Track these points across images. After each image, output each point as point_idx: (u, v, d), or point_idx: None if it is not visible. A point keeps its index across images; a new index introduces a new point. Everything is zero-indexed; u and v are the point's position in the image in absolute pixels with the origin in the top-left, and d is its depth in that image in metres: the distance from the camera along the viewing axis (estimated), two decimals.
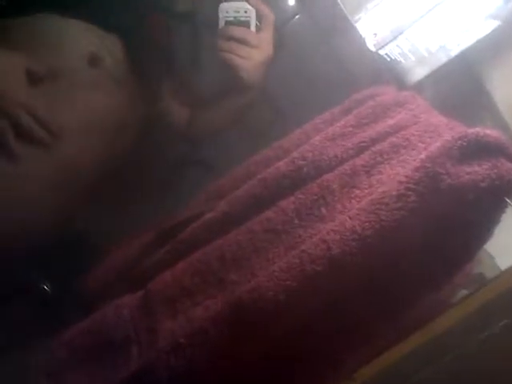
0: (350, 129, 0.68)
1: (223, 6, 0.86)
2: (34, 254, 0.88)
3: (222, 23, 0.86)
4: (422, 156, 0.55)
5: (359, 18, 0.77)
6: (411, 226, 0.54)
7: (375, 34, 0.75)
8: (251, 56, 0.85)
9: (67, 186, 0.88)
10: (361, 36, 0.75)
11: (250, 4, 0.86)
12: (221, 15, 0.86)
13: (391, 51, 0.76)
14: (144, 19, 0.94)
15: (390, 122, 0.66)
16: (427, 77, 0.75)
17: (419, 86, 0.75)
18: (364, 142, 0.65)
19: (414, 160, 0.59)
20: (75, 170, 0.87)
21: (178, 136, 1.14)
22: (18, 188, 0.82)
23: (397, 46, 0.75)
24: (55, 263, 0.90)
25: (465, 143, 0.53)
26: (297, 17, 1.30)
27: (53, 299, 0.86)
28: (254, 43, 0.85)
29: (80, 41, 0.86)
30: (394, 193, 0.54)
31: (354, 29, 0.75)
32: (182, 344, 0.59)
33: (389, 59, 0.75)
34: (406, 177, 0.55)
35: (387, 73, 0.75)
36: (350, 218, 0.56)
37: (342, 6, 0.75)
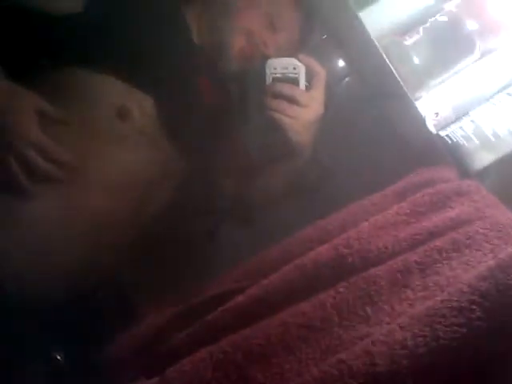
0: (404, 217, 0.60)
1: (271, 62, 0.81)
2: (50, 316, 0.82)
3: (269, 80, 0.81)
4: (491, 263, 0.47)
5: (420, 96, 0.70)
6: (474, 347, 0.45)
7: (437, 114, 0.69)
8: (300, 115, 0.80)
9: (90, 237, 0.84)
10: (421, 115, 0.68)
11: (299, 61, 0.81)
12: (268, 72, 0.81)
13: (453, 133, 0.69)
14: (189, 81, 0.91)
15: (451, 213, 0.58)
16: (493, 164, 0.67)
17: (483, 174, 0.67)
18: (419, 234, 0.57)
19: (479, 263, 0.51)
20: (98, 220, 0.83)
21: (228, 207, 1.09)
22: (35, 227, 0.79)
23: (460, 127, 0.68)
24: (73, 329, 0.84)
25: None
26: (347, 79, 1.26)
27: (66, 369, 0.80)
28: (303, 102, 0.80)
29: (109, 92, 0.83)
30: (454, 304, 0.46)
31: (414, 107, 0.68)
32: None
33: (450, 141, 0.68)
34: (470, 286, 0.47)
35: (448, 156, 0.68)
36: (401, 327, 0.48)
37: (401, 82, 0.69)
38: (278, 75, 0.81)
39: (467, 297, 0.46)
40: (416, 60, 0.71)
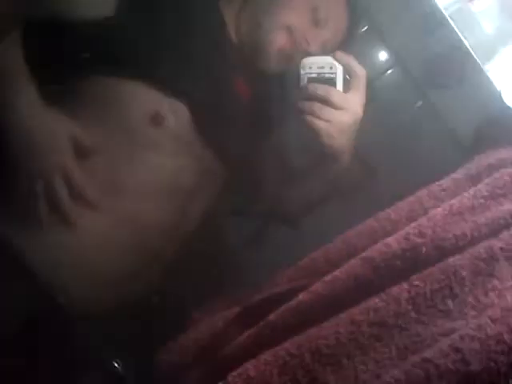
0: (482, 201, 0.55)
1: (306, 60, 0.76)
2: (108, 326, 0.81)
3: (304, 80, 0.76)
4: None
5: (488, 70, 0.64)
6: None
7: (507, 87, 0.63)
8: (335, 118, 0.74)
9: (136, 249, 0.82)
10: (496, 88, 0.62)
11: (336, 59, 0.75)
12: (303, 71, 0.75)
13: None
14: (225, 83, 0.88)
15: None
16: None
17: None
18: (502, 218, 0.52)
19: None
20: (142, 232, 0.82)
21: (270, 214, 1.06)
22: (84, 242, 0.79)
23: None
24: (131, 337, 0.82)
25: None
26: (390, 71, 1.20)
27: (125, 378, 0.78)
28: (340, 104, 0.74)
29: (142, 100, 0.81)
30: None
31: (489, 80, 0.62)
32: None
33: None
34: None
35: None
36: (493, 320, 0.43)
37: (472, 52, 0.63)
38: (313, 75, 0.75)
39: None
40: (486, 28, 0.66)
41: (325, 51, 0.92)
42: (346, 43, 0.96)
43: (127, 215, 0.81)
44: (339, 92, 0.75)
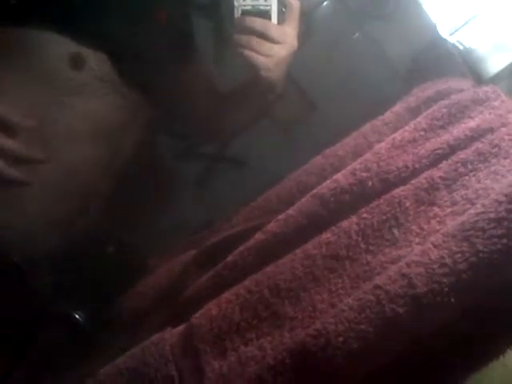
0: (422, 133, 0.57)
1: None
2: (63, 278, 0.81)
3: (238, 12, 0.73)
4: None
5: (423, 2, 0.66)
6: None
7: (444, 18, 0.64)
8: (273, 52, 0.74)
9: (74, 189, 0.83)
10: (431, 20, 0.64)
11: None
12: (236, 3, 0.73)
13: (464, 37, 0.64)
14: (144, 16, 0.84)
15: (471, 123, 0.55)
16: (509, 66, 0.63)
17: (499, 78, 0.64)
18: (441, 148, 0.55)
19: (509, 171, 0.49)
20: (78, 175, 0.82)
21: (198, 134, 1.08)
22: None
23: (470, 30, 0.64)
24: (89, 287, 0.83)
25: None
26: (326, 2, 1.19)
27: (86, 328, 0.79)
28: (276, 37, 0.74)
29: (59, 45, 0.78)
30: (491, 215, 0.44)
31: (424, 12, 0.63)
32: None
33: (461, 47, 0.64)
34: (506, 196, 0.45)
35: (460, 64, 0.64)
36: (435, 245, 0.46)
37: None
38: (247, 7, 0.73)
39: (504, 206, 0.44)
40: None
41: None
42: None
43: (58, 158, 0.81)
44: (277, 26, 0.74)
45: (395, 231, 0.54)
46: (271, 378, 0.50)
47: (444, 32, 0.65)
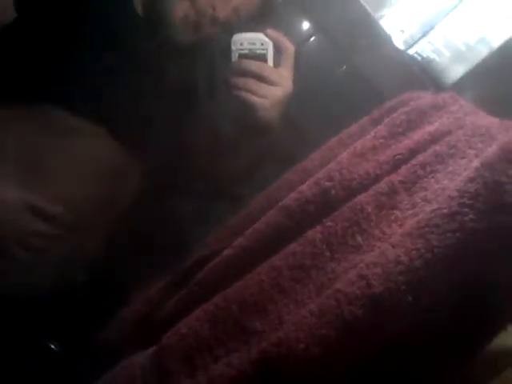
0: (382, 140, 0.58)
1: (237, 37, 0.76)
2: (42, 307, 0.80)
3: (235, 56, 0.76)
4: (476, 164, 0.45)
5: (382, 16, 0.67)
6: (471, 251, 0.43)
7: (402, 31, 0.65)
8: (269, 94, 0.75)
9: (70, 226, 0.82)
10: (386, 35, 0.65)
11: (266, 36, 0.76)
12: (234, 48, 0.75)
13: (422, 49, 0.65)
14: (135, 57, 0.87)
15: (430, 128, 0.56)
16: (467, 74, 0.64)
17: (459, 86, 0.64)
18: (400, 154, 0.55)
19: (465, 170, 0.49)
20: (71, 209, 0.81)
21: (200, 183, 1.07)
22: None
23: (428, 42, 0.65)
24: (67, 316, 0.82)
25: None
26: (312, 38, 1.22)
27: (63, 357, 0.78)
28: (273, 80, 0.75)
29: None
30: (445, 211, 0.44)
31: (378, 27, 0.65)
32: None
33: (420, 58, 0.65)
34: (458, 191, 0.44)
35: (420, 74, 0.65)
36: (393, 246, 0.46)
37: (364, 3, 0.65)
38: (245, 51, 0.76)
39: (457, 201, 0.44)
40: None
41: (240, 18, 0.92)
42: (266, 10, 0.96)
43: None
44: (272, 68, 0.76)
45: (358, 237, 0.53)
46: None
47: (401, 44, 0.66)
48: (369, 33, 0.91)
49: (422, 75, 0.63)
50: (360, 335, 0.44)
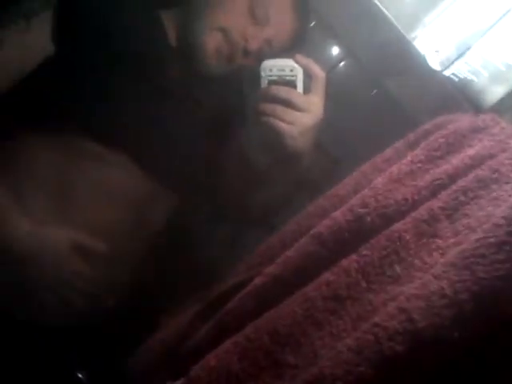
0: (419, 165, 0.55)
1: (266, 63, 0.75)
2: (71, 335, 0.79)
3: (264, 83, 0.75)
4: None
5: (415, 37, 0.65)
6: None
7: (437, 52, 0.63)
8: (298, 121, 0.73)
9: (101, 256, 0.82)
10: (420, 56, 0.63)
11: (296, 62, 0.75)
12: (263, 74, 0.74)
13: (459, 70, 0.63)
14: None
15: (470, 151, 0.53)
16: (508, 95, 0.62)
17: (498, 108, 0.62)
18: (439, 179, 0.52)
19: (511, 196, 0.46)
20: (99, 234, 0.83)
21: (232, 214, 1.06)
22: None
23: (465, 62, 0.63)
24: (95, 345, 0.81)
25: None
26: (342, 63, 1.21)
27: None
28: (302, 106, 0.73)
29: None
30: (491, 240, 0.41)
31: (412, 49, 0.63)
32: None
33: (457, 79, 0.63)
34: (505, 218, 0.42)
35: (457, 96, 0.62)
36: (435, 277, 0.43)
37: (396, 24, 0.63)
38: (274, 78, 0.74)
39: (504, 229, 0.41)
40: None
41: (272, 49, 0.92)
42: (298, 41, 0.96)
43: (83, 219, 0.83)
44: (301, 94, 0.74)
45: (397, 267, 0.50)
46: None
47: (437, 65, 0.64)
48: (402, 55, 0.89)
49: (460, 97, 0.61)
50: (400, 373, 0.41)
